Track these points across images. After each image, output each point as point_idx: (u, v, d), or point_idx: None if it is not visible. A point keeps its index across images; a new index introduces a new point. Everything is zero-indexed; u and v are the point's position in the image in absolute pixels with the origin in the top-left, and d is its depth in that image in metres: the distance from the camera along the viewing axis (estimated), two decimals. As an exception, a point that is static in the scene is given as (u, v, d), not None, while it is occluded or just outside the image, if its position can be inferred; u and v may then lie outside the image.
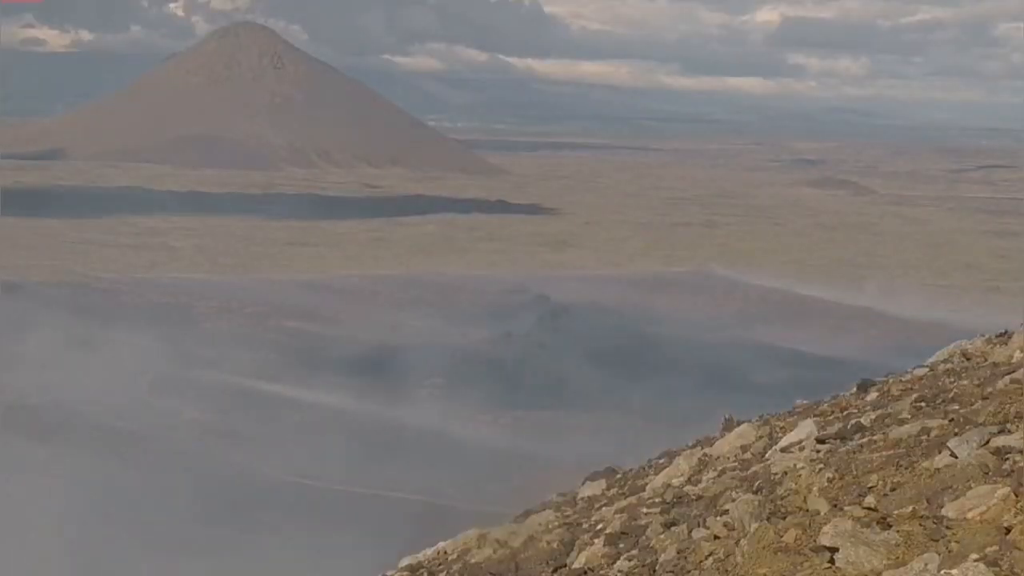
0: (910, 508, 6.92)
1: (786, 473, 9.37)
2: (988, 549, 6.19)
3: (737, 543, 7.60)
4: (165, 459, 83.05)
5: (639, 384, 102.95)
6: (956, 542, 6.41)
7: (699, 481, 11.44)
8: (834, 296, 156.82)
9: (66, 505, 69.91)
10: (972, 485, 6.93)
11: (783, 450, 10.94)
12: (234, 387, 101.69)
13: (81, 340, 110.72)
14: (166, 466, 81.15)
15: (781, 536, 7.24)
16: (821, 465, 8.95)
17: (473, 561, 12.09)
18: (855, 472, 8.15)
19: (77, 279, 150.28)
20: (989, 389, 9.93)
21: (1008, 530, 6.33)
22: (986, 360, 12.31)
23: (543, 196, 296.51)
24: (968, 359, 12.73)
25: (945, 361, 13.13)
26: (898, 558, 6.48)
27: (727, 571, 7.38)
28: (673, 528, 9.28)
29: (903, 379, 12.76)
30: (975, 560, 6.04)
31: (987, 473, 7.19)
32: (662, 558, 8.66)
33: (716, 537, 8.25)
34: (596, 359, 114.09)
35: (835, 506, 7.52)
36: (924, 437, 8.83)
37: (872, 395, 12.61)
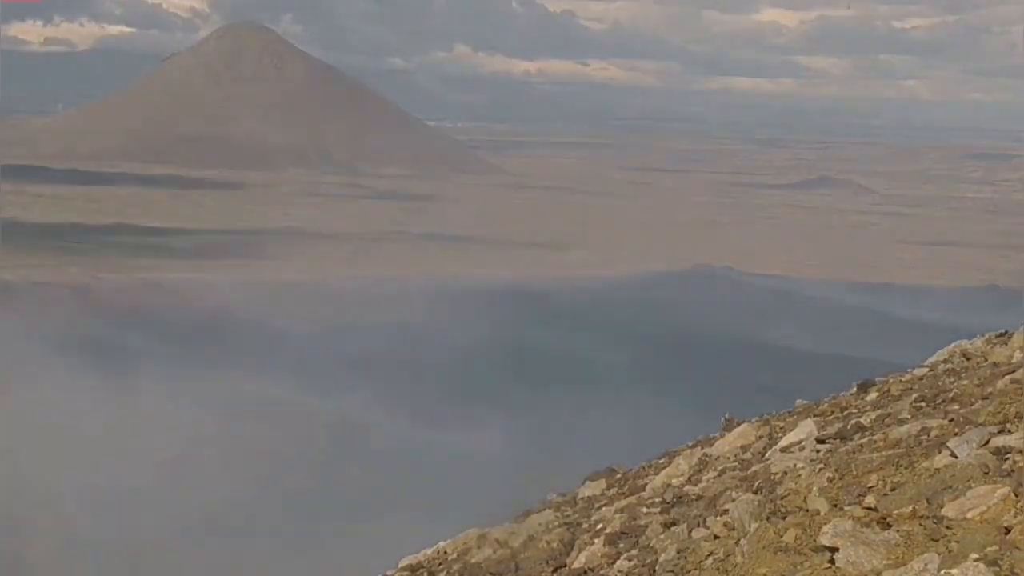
0: (910, 508, 6.91)
1: (786, 473, 9.37)
2: (988, 549, 6.19)
3: (737, 543, 7.60)
4: (165, 461, 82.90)
5: (639, 383, 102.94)
6: (956, 542, 6.41)
7: (699, 481, 11.42)
8: (834, 296, 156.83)
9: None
10: (972, 485, 6.93)
11: (783, 450, 10.92)
12: (234, 388, 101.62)
13: (81, 341, 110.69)
14: (166, 468, 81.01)
15: (781, 536, 7.24)
16: (821, 465, 8.94)
17: (473, 561, 12.08)
18: (855, 472, 8.14)
19: (78, 280, 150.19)
20: (989, 389, 9.92)
21: (1008, 530, 6.33)
22: (986, 360, 12.30)
23: (543, 196, 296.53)
24: (968, 359, 12.72)
25: (945, 361, 13.12)
26: (898, 558, 6.48)
27: (727, 571, 7.38)
28: (673, 528, 9.28)
29: (903, 379, 12.75)
30: (975, 560, 6.04)
31: (987, 473, 7.18)
32: (662, 558, 8.66)
33: (716, 537, 8.25)
34: (596, 359, 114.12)
35: (835, 506, 7.51)
36: (924, 437, 8.83)
37: (872, 395, 12.60)
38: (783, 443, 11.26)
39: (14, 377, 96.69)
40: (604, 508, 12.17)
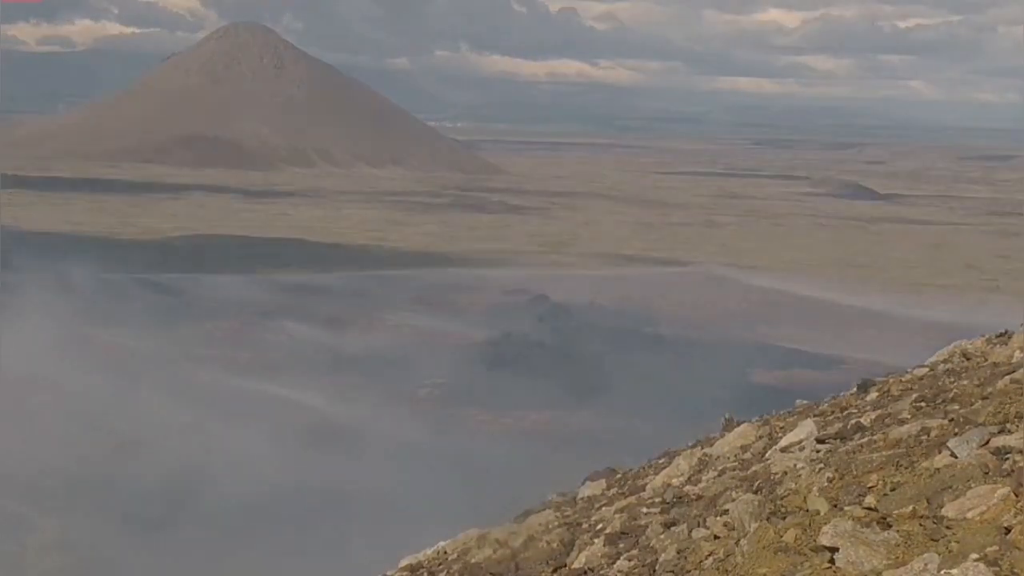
0: (910, 508, 6.91)
1: (786, 473, 9.36)
2: (988, 549, 6.18)
3: (737, 543, 7.60)
4: (163, 462, 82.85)
5: (639, 384, 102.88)
6: (956, 542, 6.40)
7: (699, 481, 11.42)
8: (834, 296, 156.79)
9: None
10: (972, 485, 6.92)
11: (783, 450, 10.92)
12: (234, 388, 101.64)
13: (80, 338, 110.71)
14: (165, 469, 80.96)
15: (781, 536, 7.24)
16: (821, 465, 8.93)
17: (473, 561, 12.08)
18: (855, 472, 8.14)
19: (79, 280, 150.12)
20: (989, 389, 9.91)
21: (1008, 530, 6.32)
22: (986, 360, 12.29)
23: (543, 196, 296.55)
24: (968, 359, 12.71)
25: (945, 361, 13.11)
26: (898, 558, 6.48)
27: (727, 571, 7.38)
28: (673, 528, 9.28)
29: (903, 379, 12.73)
30: (975, 560, 6.04)
31: (987, 473, 7.17)
32: (662, 558, 8.66)
33: (716, 537, 8.25)
34: (595, 359, 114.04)
35: (835, 506, 7.51)
36: (924, 437, 8.82)
37: (872, 395, 12.59)
38: (783, 443, 11.26)
39: (15, 378, 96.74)
40: (604, 508, 12.17)
